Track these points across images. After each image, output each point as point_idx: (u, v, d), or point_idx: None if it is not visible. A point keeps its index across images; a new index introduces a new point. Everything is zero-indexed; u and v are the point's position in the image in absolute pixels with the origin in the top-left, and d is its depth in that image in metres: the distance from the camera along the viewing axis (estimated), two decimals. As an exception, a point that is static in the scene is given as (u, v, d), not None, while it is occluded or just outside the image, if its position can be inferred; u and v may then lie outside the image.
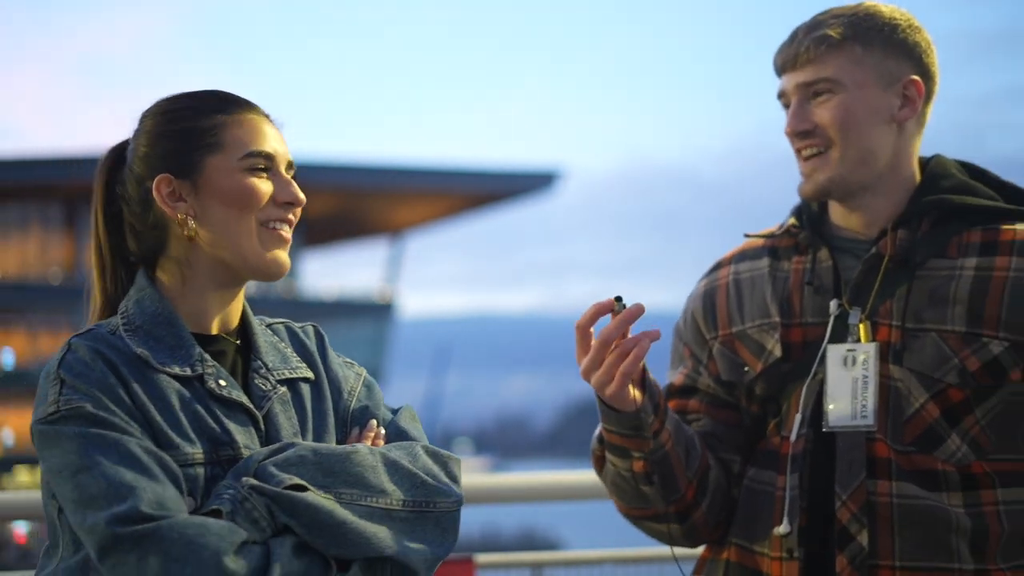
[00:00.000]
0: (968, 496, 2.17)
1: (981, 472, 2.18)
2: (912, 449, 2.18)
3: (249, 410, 1.93)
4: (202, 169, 1.93)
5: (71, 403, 1.82)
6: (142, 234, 1.98)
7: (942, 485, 2.17)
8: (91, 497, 1.76)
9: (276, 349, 2.02)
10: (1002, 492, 2.18)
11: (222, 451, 1.88)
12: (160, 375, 1.88)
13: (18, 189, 46.72)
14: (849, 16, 2.26)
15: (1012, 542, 2.17)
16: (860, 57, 2.24)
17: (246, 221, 1.93)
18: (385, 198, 49.88)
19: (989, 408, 2.19)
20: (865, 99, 2.24)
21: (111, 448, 1.78)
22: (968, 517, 2.15)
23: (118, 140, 2.06)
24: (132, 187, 1.97)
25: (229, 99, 1.99)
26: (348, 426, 2.03)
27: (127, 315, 1.93)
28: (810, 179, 2.27)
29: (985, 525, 2.16)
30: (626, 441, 2.23)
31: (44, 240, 48.21)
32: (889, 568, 2.15)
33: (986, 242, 2.22)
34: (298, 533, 1.82)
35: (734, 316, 2.38)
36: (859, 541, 2.16)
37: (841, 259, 2.29)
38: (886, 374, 2.20)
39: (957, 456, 2.17)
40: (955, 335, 2.18)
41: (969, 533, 2.15)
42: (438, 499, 1.93)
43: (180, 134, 1.95)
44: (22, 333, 47.97)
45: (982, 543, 2.15)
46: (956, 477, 2.17)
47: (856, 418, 2.19)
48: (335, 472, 1.87)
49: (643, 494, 2.30)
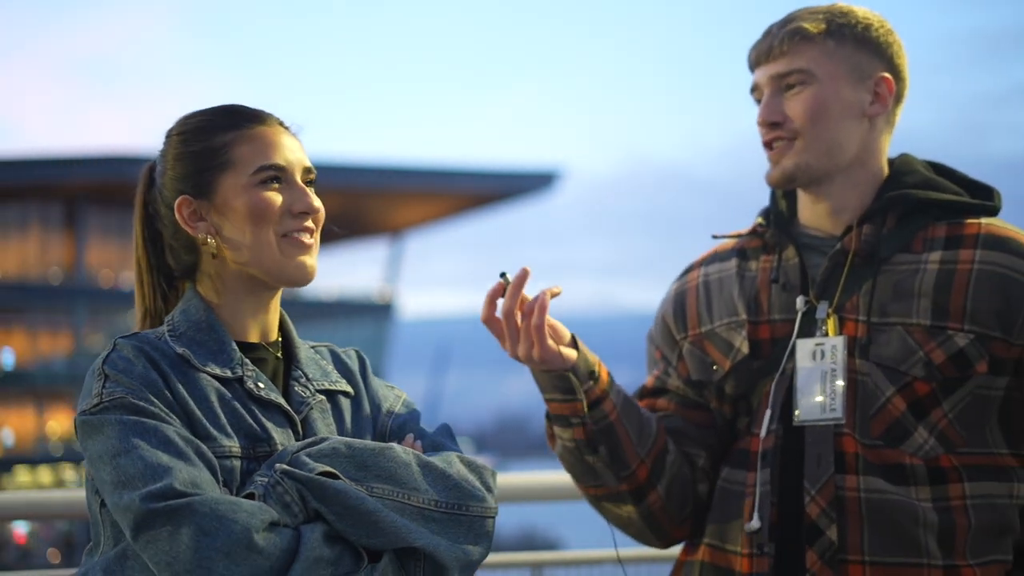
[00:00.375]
0: (936, 490, 2.17)
1: (949, 466, 2.18)
2: (880, 443, 2.19)
3: (287, 413, 1.98)
4: (217, 188, 1.98)
5: (113, 395, 1.88)
6: (177, 251, 2.05)
7: (910, 479, 2.17)
8: (129, 478, 1.80)
9: (317, 364, 2.08)
10: (969, 486, 2.18)
11: (259, 447, 1.93)
12: (201, 374, 1.94)
13: (18, 189, 46.71)
14: (824, 13, 2.31)
15: (979, 536, 2.17)
16: (833, 51, 2.28)
17: (265, 234, 1.97)
18: (385, 198, 49.91)
19: (957, 401, 2.19)
20: (837, 91, 2.28)
21: (150, 433, 1.84)
22: (935, 512, 2.16)
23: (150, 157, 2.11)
24: (162, 208, 2.04)
25: (239, 114, 2.02)
26: (386, 440, 2.06)
27: (172, 323, 2.00)
28: (777, 165, 2.30)
29: (952, 520, 2.16)
30: (563, 407, 2.26)
31: (44, 240, 48.20)
32: (859, 563, 2.16)
33: (951, 236, 2.24)
34: (329, 521, 1.84)
35: (703, 316, 2.41)
36: (828, 536, 2.16)
37: (808, 257, 2.32)
38: (853, 368, 2.21)
39: (924, 449, 2.18)
40: (920, 328, 2.19)
41: (936, 528, 2.15)
42: (471, 503, 1.94)
43: (195, 156, 2.00)
44: (22, 333, 47.97)
45: (949, 538, 2.15)
46: (923, 471, 2.17)
47: (826, 411, 2.21)
48: (367, 466, 1.89)
49: (590, 467, 2.32)
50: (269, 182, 1.98)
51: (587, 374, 2.25)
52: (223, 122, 2.01)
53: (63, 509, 4.13)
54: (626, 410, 2.32)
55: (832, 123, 2.28)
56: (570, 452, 2.33)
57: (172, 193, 2.01)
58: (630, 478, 2.33)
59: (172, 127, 2.06)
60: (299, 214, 1.99)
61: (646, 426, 2.35)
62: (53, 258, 48.04)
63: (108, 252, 48.29)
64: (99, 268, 47.98)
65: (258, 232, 1.97)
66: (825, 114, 2.27)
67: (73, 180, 46.28)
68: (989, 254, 2.21)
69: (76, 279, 47.55)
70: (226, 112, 2.03)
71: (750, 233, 2.40)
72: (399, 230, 55.48)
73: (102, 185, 46.12)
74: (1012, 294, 2.18)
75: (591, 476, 2.36)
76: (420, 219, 56.63)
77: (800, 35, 2.28)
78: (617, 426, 2.29)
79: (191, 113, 2.06)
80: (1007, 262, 2.20)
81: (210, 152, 1.99)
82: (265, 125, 2.01)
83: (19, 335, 47.91)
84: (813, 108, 2.27)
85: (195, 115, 2.04)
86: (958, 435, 2.19)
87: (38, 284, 47.43)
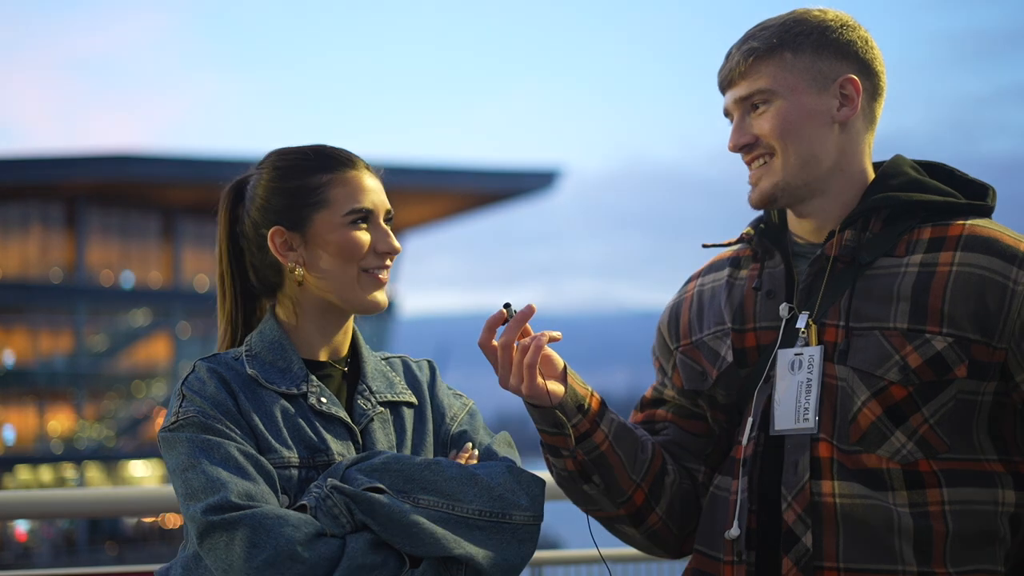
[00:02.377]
0: (913, 495, 2.14)
1: (928, 471, 2.14)
2: (857, 448, 2.17)
3: (348, 424, 2.18)
4: (311, 223, 2.20)
5: (187, 414, 2.10)
6: (260, 271, 2.25)
7: (887, 484, 2.15)
8: (194, 491, 2.03)
9: (385, 376, 2.27)
10: (949, 491, 2.14)
11: (317, 457, 2.13)
12: (267, 391, 2.15)
13: (19, 189, 46.67)
14: (777, 25, 2.28)
15: (958, 543, 2.13)
16: (791, 63, 2.24)
17: (350, 269, 2.19)
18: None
19: (939, 406, 2.16)
20: (800, 104, 2.24)
21: (213, 451, 2.06)
22: (912, 517, 2.13)
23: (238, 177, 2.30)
24: (250, 230, 2.24)
25: (335, 157, 2.23)
26: (447, 448, 2.26)
27: (250, 343, 2.22)
28: (756, 188, 2.28)
29: (929, 525, 2.13)
30: (553, 439, 2.28)
31: (45, 240, 48.16)
32: (833, 569, 2.14)
33: (934, 238, 2.20)
34: (375, 531, 2.03)
35: (694, 326, 2.41)
36: (803, 542, 2.16)
37: (797, 264, 2.31)
38: (832, 374, 2.20)
39: (902, 454, 2.15)
40: (897, 332, 2.16)
41: (912, 533, 2.13)
42: (514, 512, 2.12)
43: (292, 192, 2.20)
44: (23, 332, 47.95)
45: (926, 544, 2.13)
46: (900, 475, 2.15)
47: (799, 421, 2.20)
48: (415, 479, 2.08)
49: (586, 494, 2.35)
50: (358, 222, 2.20)
51: (575, 408, 2.26)
52: (320, 163, 2.22)
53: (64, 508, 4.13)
54: (619, 438, 2.32)
55: (802, 135, 2.24)
56: (564, 480, 2.35)
57: (264, 221, 2.22)
58: (627, 504, 2.34)
59: (267, 159, 2.27)
60: (382, 253, 2.21)
61: (641, 451, 2.35)
62: (54, 257, 48.01)
63: (109, 252, 48.26)
64: (100, 268, 47.95)
65: (344, 266, 2.19)
66: (792, 128, 2.24)
67: (74, 180, 46.23)
68: (969, 256, 2.17)
69: (77, 278, 47.52)
70: (322, 154, 2.23)
71: (739, 242, 2.40)
72: (399, 229, 55.24)
73: (103, 185, 46.10)
74: (990, 296, 2.14)
75: (588, 502, 2.37)
76: (420, 218, 56.63)
77: (754, 54, 2.25)
78: (609, 455, 2.30)
79: (287, 150, 2.26)
80: (986, 263, 2.16)
81: (307, 191, 2.20)
82: (356, 170, 2.23)
83: (20, 334, 47.88)
84: (779, 124, 2.24)
85: (291, 152, 2.25)
86: (940, 441, 2.16)
87: (39, 283, 47.39)
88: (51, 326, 47.74)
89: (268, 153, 2.28)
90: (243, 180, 2.29)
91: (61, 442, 46.34)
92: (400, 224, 55.08)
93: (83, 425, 46.38)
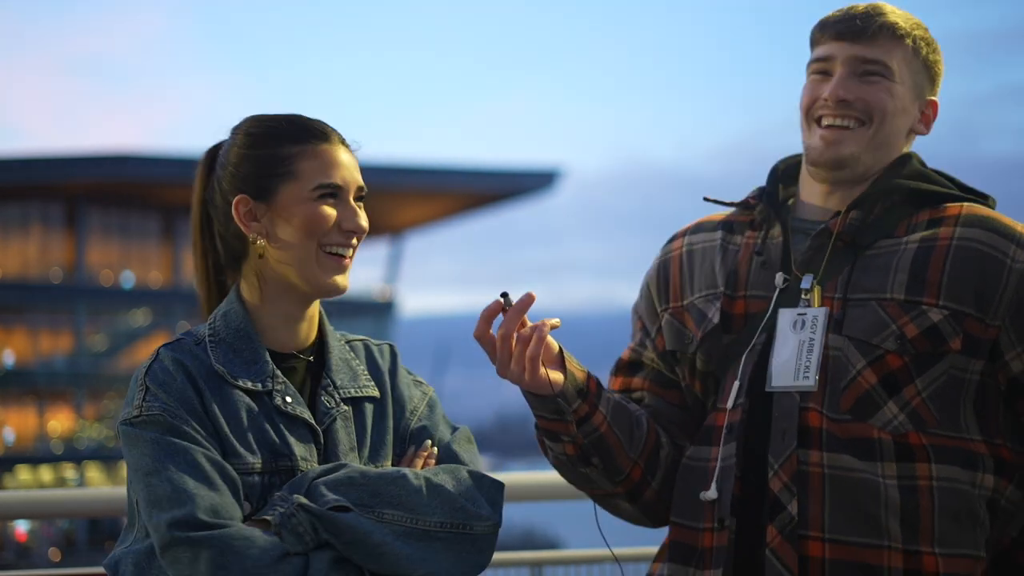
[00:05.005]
0: (902, 467, 2.16)
1: (918, 444, 2.17)
2: (848, 417, 2.18)
3: (311, 425, 2.13)
4: (277, 194, 2.12)
5: (152, 410, 2.05)
6: (226, 241, 2.17)
7: (877, 454, 2.16)
8: (157, 499, 1.99)
9: (348, 367, 2.21)
10: (936, 467, 2.16)
11: (280, 462, 2.09)
12: (234, 390, 2.09)
13: (19, 189, 46.66)
14: (910, 19, 2.33)
15: (945, 522, 2.15)
16: (910, 59, 2.31)
17: (310, 244, 2.11)
18: (385, 198, 49.89)
19: (931, 380, 2.18)
20: (904, 97, 2.31)
21: (180, 456, 2.01)
22: (899, 490, 2.14)
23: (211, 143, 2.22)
24: (219, 198, 2.17)
25: (307, 128, 2.14)
26: (406, 443, 2.22)
27: (214, 327, 2.15)
28: (834, 146, 2.28)
29: (916, 500, 2.14)
30: (553, 425, 2.28)
31: (45, 239, 48.16)
32: (818, 539, 2.15)
33: (933, 218, 2.27)
34: (338, 549, 2.02)
35: (685, 288, 2.42)
36: (789, 510, 2.16)
37: (794, 238, 2.33)
38: (826, 344, 2.22)
39: (893, 424, 2.17)
40: (894, 303, 2.19)
41: (899, 507, 2.14)
42: (474, 523, 2.10)
43: (260, 159, 2.13)
44: (23, 332, 47.94)
45: (913, 519, 2.14)
46: (891, 446, 2.16)
47: (798, 379, 2.21)
48: (380, 493, 2.06)
49: (584, 475, 2.35)
50: (326, 197, 2.12)
51: (575, 393, 2.25)
52: (292, 133, 2.13)
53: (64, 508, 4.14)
54: (616, 417, 2.32)
55: (894, 124, 2.30)
56: (563, 464, 2.35)
57: (231, 188, 2.14)
58: (625, 481, 2.34)
59: (241, 125, 2.18)
60: (347, 232, 2.14)
61: (637, 427, 2.35)
62: (54, 257, 48.00)
63: (109, 251, 48.26)
64: (100, 267, 47.94)
65: (306, 241, 2.11)
66: (893, 113, 2.29)
67: (74, 180, 46.22)
68: (968, 231, 2.22)
69: (77, 278, 47.50)
70: (295, 124, 2.15)
71: (741, 205, 2.41)
72: (399, 229, 55.45)
73: (103, 185, 46.10)
74: (989, 271, 2.19)
75: (587, 483, 2.38)
76: (420, 218, 56.61)
77: (893, 31, 2.29)
78: (608, 436, 2.30)
79: (261, 116, 2.18)
80: (986, 239, 2.21)
81: (276, 160, 2.12)
82: (329, 143, 2.14)
83: (20, 334, 47.87)
84: (887, 103, 2.29)
85: (265, 119, 2.17)
86: (930, 414, 2.18)
87: (39, 283, 47.38)
88: (51, 326, 47.72)
89: (244, 118, 2.20)
90: (218, 146, 2.22)
91: (61, 442, 46.32)
92: (400, 224, 55.09)
93: (83, 425, 46.36)
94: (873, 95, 2.28)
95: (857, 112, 2.28)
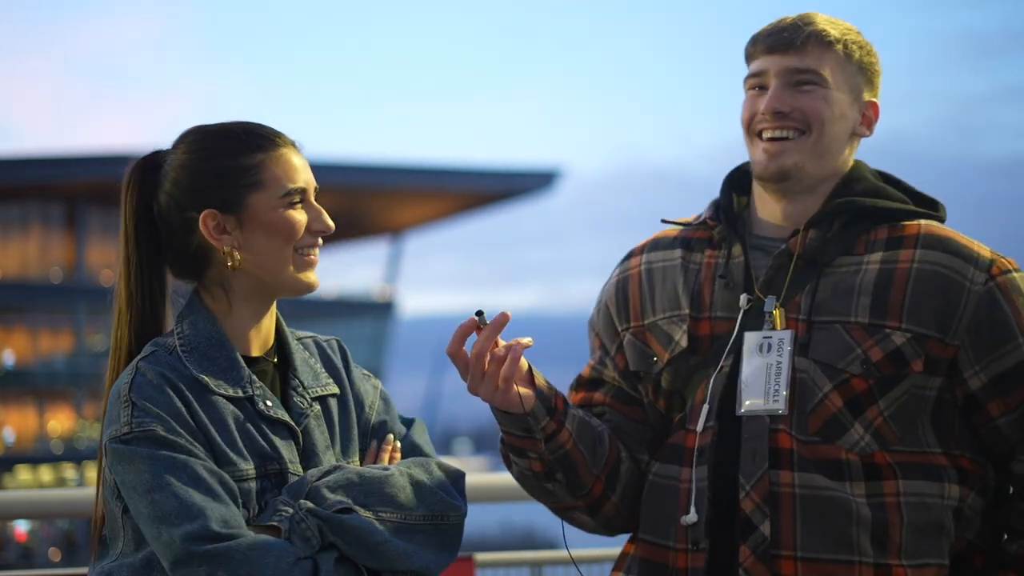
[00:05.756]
0: (871, 486, 2.19)
1: (884, 463, 2.20)
2: (816, 439, 2.21)
3: (290, 427, 2.16)
4: (246, 205, 2.12)
5: (143, 425, 2.04)
6: (184, 256, 2.16)
7: (846, 475, 2.19)
8: (165, 514, 1.99)
9: (308, 366, 2.24)
10: (903, 484, 2.20)
11: (270, 466, 2.11)
12: (217, 398, 2.10)
13: (18, 189, 46.70)
14: (839, 24, 2.34)
15: (912, 536, 2.18)
16: (843, 64, 2.32)
17: (285, 249, 2.14)
18: (385, 198, 49.90)
19: (893, 399, 2.22)
20: (841, 103, 2.31)
21: (180, 470, 2.01)
22: (869, 508, 2.18)
23: (145, 150, 2.20)
24: (172, 211, 2.14)
25: (264, 135, 2.16)
26: (368, 438, 2.27)
27: (183, 336, 2.14)
28: (776, 158, 2.30)
29: (885, 517, 2.18)
30: (521, 442, 2.29)
31: (45, 239, 48.20)
32: (791, 558, 2.18)
33: (891, 237, 2.28)
34: (341, 549, 2.07)
35: (646, 308, 2.42)
36: (762, 531, 2.19)
37: (753, 256, 2.34)
38: (792, 366, 2.24)
39: (860, 445, 2.20)
40: (859, 326, 2.22)
41: (870, 524, 2.17)
42: (449, 513, 2.18)
43: (223, 172, 2.13)
44: (23, 332, 47.97)
45: (883, 535, 2.18)
46: (859, 466, 2.19)
47: (769, 402, 2.23)
48: (374, 492, 2.12)
49: (547, 490, 2.36)
50: (294, 203, 2.14)
51: (544, 411, 2.27)
52: (252, 143, 2.14)
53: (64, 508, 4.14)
54: (581, 434, 2.33)
55: (834, 130, 2.31)
56: (527, 479, 2.36)
57: (193, 203, 2.12)
58: (586, 496, 2.36)
59: (188, 137, 2.16)
60: (316, 232, 2.16)
61: (599, 443, 2.36)
62: (54, 257, 48.04)
63: (109, 252, 48.24)
64: (100, 268, 47.96)
65: (282, 247, 2.13)
66: (831, 120, 2.30)
67: (74, 180, 46.26)
68: (928, 253, 2.25)
69: (77, 278, 47.53)
70: (250, 132, 2.16)
71: (699, 224, 2.41)
72: (399, 229, 55.47)
73: (103, 185, 46.05)
74: (949, 293, 2.22)
75: (548, 496, 2.40)
76: (420, 218, 56.64)
77: (821, 39, 2.30)
78: (573, 452, 2.31)
79: (209, 127, 2.17)
80: (946, 261, 2.24)
81: (240, 171, 2.12)
82: (285, 147, 2.16)
83: (20, 334, 47.90)
84: (825, 109, 2.30)
85: (215, 130, 2.17)
86: (891, 432, 2.21)
87: (39, 283, 47.42)
88: (51, 326, 47.76)
89: (186, 131, 2.18)
90: (153, 159, 2.18)
91: (61, 442, 46.35)
92: (400, 224, 55.14)
93: (83, 425, 46.37)
94: (809, 104, 2.30)
95: (795, 122, 2.30)
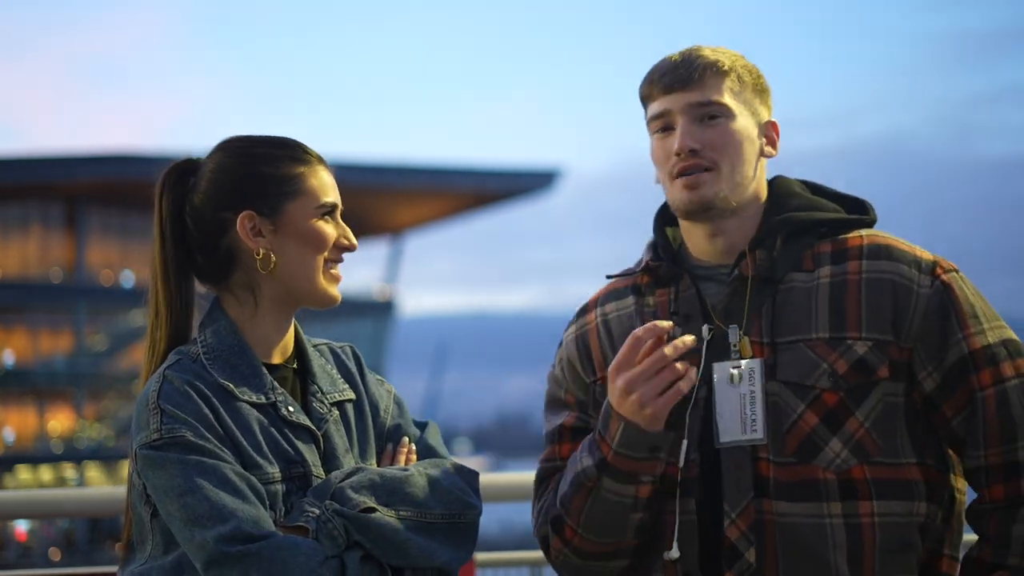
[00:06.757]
0: (847, 506, 2.21)
1: (861, 478, 2.22)
2: (793, 460, 2.22)
3: (312, 431, 2.24)
4: (284, 212, 2.22)
5: (173, 431, 2.11)
6: (212, 258, 2.24)
7: (823, 495, 2.21)
8: (197, 516, 2.06)
9: (326, 372, 2.32)
10: (877, 504, 2.22)
11: (294, 469, 2.19)
12: (241, 404, 2.18)
13: (19, 189, 46.72)
14: (726, 52, 2.38)
15: (884, 555, 2.22)
16: (739, 90, 2.35)
17: (314, 260, 2.23)
18: (385, 198, 49.91)
19: (870, 409, 2.24)
20: (744, 129, 2.34)
21: (210, 473, 2.09)
22: (845, 529, 2.21)
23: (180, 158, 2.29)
24: (207, 211, 2.23)
25: (305, 150, 2.27)
26: (384, 441, 2.34)
27: (206, 344, 2.22)
28: (696, 191, 2.31)
29: (860, 537, 2.21)
30: (639, 464, 2.24)
31: (45, 239, 48.22)
32: None
33: (835, 251, 2.32)
34: (365, 547, 2.14)
35: (608, 358, 2.39)
36: (747, 559, 2.20)
37: (703, 286, 2.35)
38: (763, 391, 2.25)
39: (836, 463, 2.21)
40: (820, 342, 2.25)
41: (846, 546, 2.21)
42: (466, 512, 2.25)
43: (266, 177, 2.23)
44: (23, 332, 47.98)
45: (858, 556, 2.21)
46: (836, 485, 2.21)
47: (747, 432, 2.24)
48: (396, 492, 2.20)
49: (628, 524, 2.29)
50: (326, 216, 2.24)
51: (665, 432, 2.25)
52: (293, 155, 2.26)
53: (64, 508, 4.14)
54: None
55: (744, 157, 2.34)
56: (614, 508, 2.28)
57: (231, 204, 2.21)
58: (642, 529, 2.30)
59: (231, 143, 2.27)
60: (341, 248, 2.27)
61: None
62: (54, 257, 48.06)
63: (109, 251, 48.31)
64: (100, 267, 48.00)
65: (312, 256, 2.23)
66: (739, 148, 2.33)
67: (74, 180, 46.28)
68: (874, 263, 2.30)
69: (77, 278, 47.55)
70: (292, 146, 2.27)
71: (642, 270, 2.42)
72: (399, 229, 55.51)
73: (103, 185, 46.14)
74: (900, 298, 2.27)
75: (618, 533, 2.31)
76: (420, 218, 56.68)
77: (716, 69, 2.32)
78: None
79: (254, 137, 2.28)
80: (891, 268, 2.29)
81: (282, 179, 2.23)
82: (322, 165, 2.28)
83: (20, 334, 47.92)
84: (730, 141, 2.32)
85: (260, 140, 2.27)
86: (874, 443, 2.23)
87: (39, 283, 47.44)
88: (51, 326, 47.78)
89: (227, 138, 2.28)
90: (188, 163, 2.28)
91: (61, 442, 46.37)
92: (400, 224, 55.16)
93: (83, 425, 46.41)
94: (719, 137, 2.32)
95: (707, 159, 2.32)
